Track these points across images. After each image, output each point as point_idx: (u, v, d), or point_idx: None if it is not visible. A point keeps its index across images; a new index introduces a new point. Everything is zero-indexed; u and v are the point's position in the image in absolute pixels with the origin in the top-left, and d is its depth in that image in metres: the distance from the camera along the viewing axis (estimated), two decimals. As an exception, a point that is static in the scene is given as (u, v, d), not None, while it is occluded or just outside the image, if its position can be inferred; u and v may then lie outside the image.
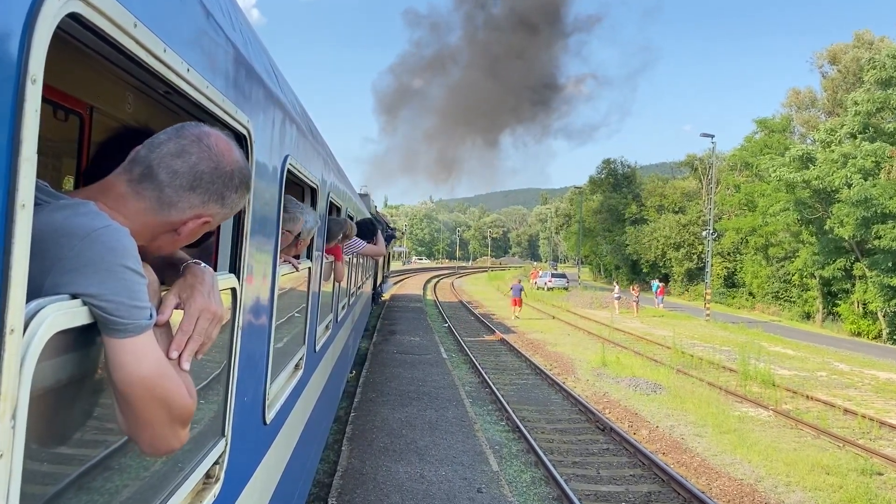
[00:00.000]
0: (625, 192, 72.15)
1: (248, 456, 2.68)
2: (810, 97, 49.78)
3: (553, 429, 12.42)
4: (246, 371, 2.42)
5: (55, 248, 1.06)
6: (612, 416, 13.55)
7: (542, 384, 16.49)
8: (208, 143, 1.37)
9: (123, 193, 1.30)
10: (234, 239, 2.17)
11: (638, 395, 15.41)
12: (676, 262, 59.66)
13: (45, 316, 0.97)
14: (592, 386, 16.48)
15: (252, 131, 2.15)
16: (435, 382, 14.13)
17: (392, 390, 13.15)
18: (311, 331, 4.62)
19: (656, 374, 17.69)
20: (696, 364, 19.85)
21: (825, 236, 36.10)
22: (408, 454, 9.18)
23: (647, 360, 20.45)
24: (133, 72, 1.41)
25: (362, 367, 15.69)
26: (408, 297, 41.60)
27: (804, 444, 12.05)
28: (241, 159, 1.45)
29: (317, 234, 4.34)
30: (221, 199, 1.40)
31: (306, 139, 3.71)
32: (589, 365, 19.27)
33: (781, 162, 35.82)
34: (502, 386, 15.89)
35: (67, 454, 1.22)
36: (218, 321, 1.43)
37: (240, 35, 2.09)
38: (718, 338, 28.34)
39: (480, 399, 14.32)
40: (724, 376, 18.37)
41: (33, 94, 0.89)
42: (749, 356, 21.87)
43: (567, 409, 13.90)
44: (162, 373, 1.20)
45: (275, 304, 2.92)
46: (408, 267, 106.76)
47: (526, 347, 22.68)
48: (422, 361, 16.74)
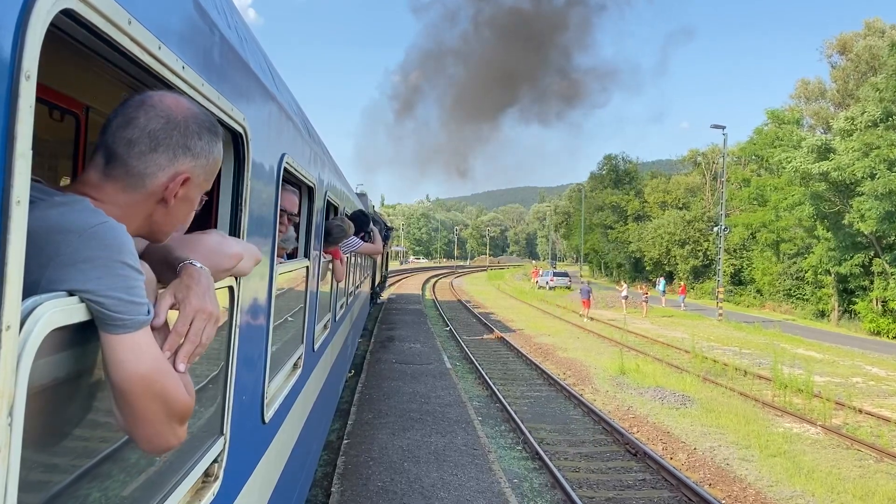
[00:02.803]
0: (627, 188, 70.55)
1: (247, 454, 2.66)
2: (819, 88, 48.15)
3: (577, 454, 10.79)
4: (244, 370, 2.41)
5: (51, 244, 1.05)
6: (642, 435, 11.93)
7: (557, 397, 14.85)
8: (152, 103, 1.33)
9: (98, 183, 1.29)
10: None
11: (666, 408, 13.78)
12: (681, 259, 58.05)
13: (42, 312, 0.96)
14: (613, 398, 14.85)
15: (248, 129, 2.14)
16: (440, 398, 12.50)
17: (391, 409, 11.51)
18: (309, 330, 4.58)
19: (682, 384, 16.06)
20: (720, 371, 18.24)
21: (842, 231, 34.45)
22: (411, 497, 7.55)
23: (669, 366, 18.83)
24: (128, 70, 1.42)
25: (357, 381, 14.07)
26: (406, 298, 39.89)
27: (868, 470, 10.43)
28: (192, 107, 1.40)
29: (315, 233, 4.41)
30: (188, 150, 1.35)
31: (303, 137, 3.69)
32: (606, 373, 17.64)
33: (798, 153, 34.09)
34: (514, 399, 14.27)
35: (65, 452, 1.21)
36: (214, 322, 1.38)
37: (235, 33, 2.07)
38: (736, 339, 26.74)
39: (491, 417, 12.70)
40: (757, 385, 16.75)
41: (27, 90, 0.89)
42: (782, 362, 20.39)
43: (590, 428, 12.27)
44: (160, 369, 1.18)
45: (273, 304, 2.90)
46: (405, 266, 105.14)
47: (535, 353, 21.05)
48: (424, 372, 15.10)
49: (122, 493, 1.42)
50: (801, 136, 40.96)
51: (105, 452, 1.32)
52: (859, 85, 44.27)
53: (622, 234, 67.46)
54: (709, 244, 58.02)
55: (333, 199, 5.73)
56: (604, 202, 71.27)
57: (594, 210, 73.46)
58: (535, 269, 71.58)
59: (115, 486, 1.39)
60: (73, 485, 1.20)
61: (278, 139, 2.86)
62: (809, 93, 48.33)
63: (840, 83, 45.50)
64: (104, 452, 1.32)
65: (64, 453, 1.20)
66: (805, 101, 48.68)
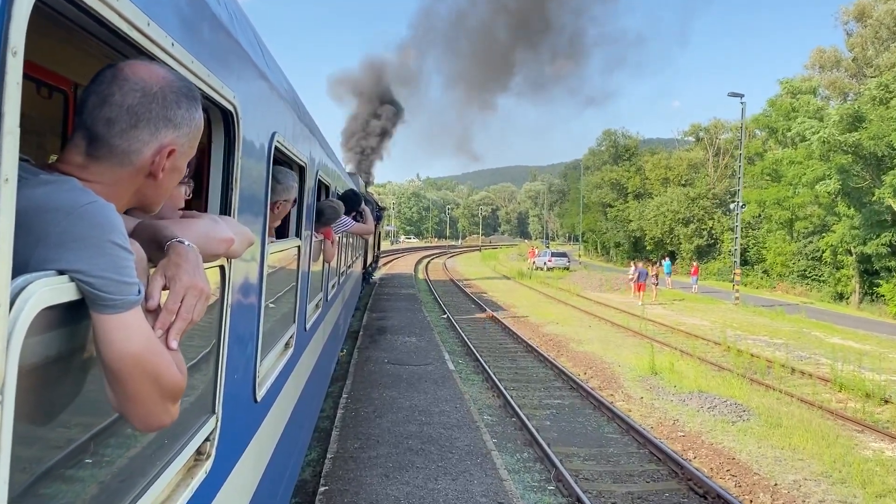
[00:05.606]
0: (626, 164, 67.86)
1: (239, 433, 2.64)
2: (835, 56, 45.40)
3: (627, 493, 8.27)
4: (236, 349, 2.40)
5: (39, 224, 1.03)
6: (702, 463, 9.42)
7: (583, 406, 12.32)
8: (125, 76, 1.28)
9: (83, 164, 1.26)
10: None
11: (720, 422, 11.28)
12: (685, 238, 55.57)
13: (33, 291, 0.96)
14: (651, 407, 12.33)
15: (238, 107, 2.13)
16: (444, 414, 9.94)
17: (384, 433, 8.94)
18: (301, 309, 4.53)
19: (727, 387, 13.57)
20: (763, 368, 15.76)
21: (868, 208, 31.92)
22: None
23: (704, 363, 16.32)
24: (117, 46, 1.40)
25: (342, 388, 11.50)
26: (398, 281, 37.22)
27: None
28: (167, 74, 1.34)
29: (306, 212, 4.45)
30: (169, 121, 1.32)
31: (294, 116, 3.68)
32: (634, 372, 15.12)
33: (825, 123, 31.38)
34: (532, 410, 11.74)
35: (57, 431, 1.20)
36: (205, 298, 1.37)
37: (225, 9, 2.06)
38: (761, 327, 24.34)
39: (508, 438, 10.16)
40: (812, 386, 14.29)
41: (14, 66, 0.87)
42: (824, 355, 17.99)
43: (634, 454, 9.74)
44: (151, 349, 1.18)
45: (264, 283, 2.88)
46: (397, 246, 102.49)
47: (546, 346, 18.52)
48: (422, 377, 12.53)
49: (114, 472, 1.42)
50: (818, 106, 38.36)
51: (96, 431, 1.31)
52: (879, 53, 41.68)
53: (622, 212, 64.87)
54: (713, 222, 55.59)
55: (325, 179, 5.74)
56: (602, 179, 68.55)
57: (592, 188, 70.76)
58: (531, 248, 68.95)
59: (107, 465, 1.39)
60: (65, 463, 1.20)
61: (269, 118, 2.84)
62: (825, 61, 45.55)
63: (859, 49, 42.75)
64: (95, 430, 1.31)
65: (56, 432, 1.19)
66: (820, 70, 45.93)
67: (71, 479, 1.21)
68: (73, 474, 1.22)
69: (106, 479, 1.37)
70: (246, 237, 1.89)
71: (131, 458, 1.48)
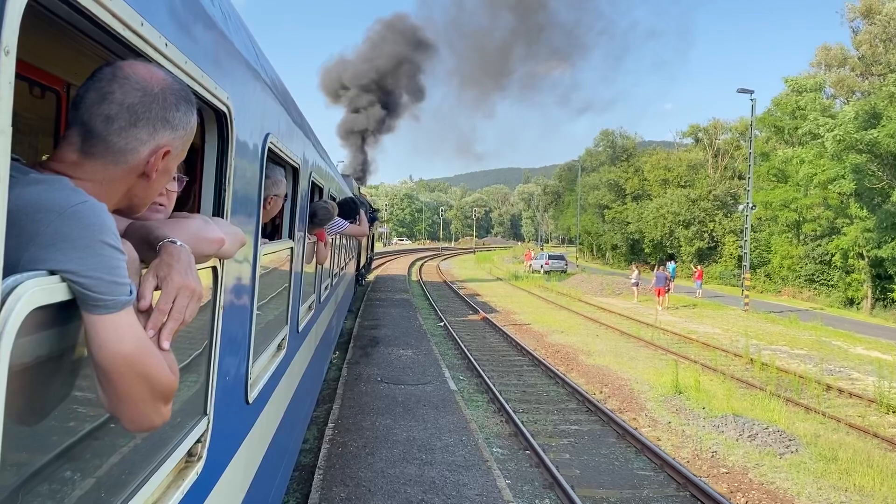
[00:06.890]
0: (625, 165, 66.47)
1: (231, 435, 2.62)
2: (842, 54, 44.12)
3: (675, 557, 6.73)
4: (228, 351, 2.38)
5: (30, 223, 1.01)
6: (757, 511, 7.90)
7: (604, 433, 10.77)
8: (125, 75, 1.27)
9: (76, 161, 1.24)
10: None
11: (766, 455, 9.75)
12: (686, 241, 54.18)
13: (24, 291, 0.94)
14: (683, 435, 10.80)
15: (232, 108, 2.11)
16: (448, 451, 8.39)
17: (376, 478, 7.38)
18: (293, 311, 4.52)
19: (763, 410, 12.07)
20: (795, 385, 14.28)
21: (882, 210, 30.53)
22: None
23: (732, 379, 14.80)
24: (110, 46, 1.38)
25: (329, 414, 9.94)
26: (391, 285, 35.61)
27: None
28: (166, 76, 1.35)
29: (299, 214, 4.38)
30: (167, 122, 1.32)
31: (287, 117, 3.66)
32: (655, 391, 13.59)
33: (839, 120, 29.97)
34: (548, 440, 10.20)
35: (47, 431, 1.18)
36: (197, 299, 1.36)
37: (219, 10, 2.04)
38: (778, 335, 22.89)
39: (524, 478, 8.60)
40: (854, 406, 12.81)
41: (6, 65, 0.87)
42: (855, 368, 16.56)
43: (672, 496, 8.18)
44: (143, 349, 1.16)
45: (256, 284, 2.86)
46: (389, 249, 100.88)
47: (554, 359, 16.98)
48: (420, 398, 10.97)
49: (105, 473, 1.41)
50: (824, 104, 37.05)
51: (87, 431, 1.30)
52: (888, 50, 40.47)
53: (620, 213, 63.45)
54: (714, 224, 54.27)
55: (318, 180, 5.70)
56: (600, 180, 67.12)
57: (589, 189, 69.34)
58: (527, 251, 67.43)
59: (98, 466, 1.38)
60: (56, 464, 1.19)
61: (263, 119, 2.83)
62: (831, 59, 44.26)
63: (866, 48, 41.46)
64: (86, 431, 1.30)
65: (46, 432, 1.18)
66: (826, 68, 44.63)
67: (61, 480, 1.22)
68: (63, 475, 1.23)
69: (97, 480, 1.36)
70: (237, 238, 1.89)
71: (122, 459, 1.48)
